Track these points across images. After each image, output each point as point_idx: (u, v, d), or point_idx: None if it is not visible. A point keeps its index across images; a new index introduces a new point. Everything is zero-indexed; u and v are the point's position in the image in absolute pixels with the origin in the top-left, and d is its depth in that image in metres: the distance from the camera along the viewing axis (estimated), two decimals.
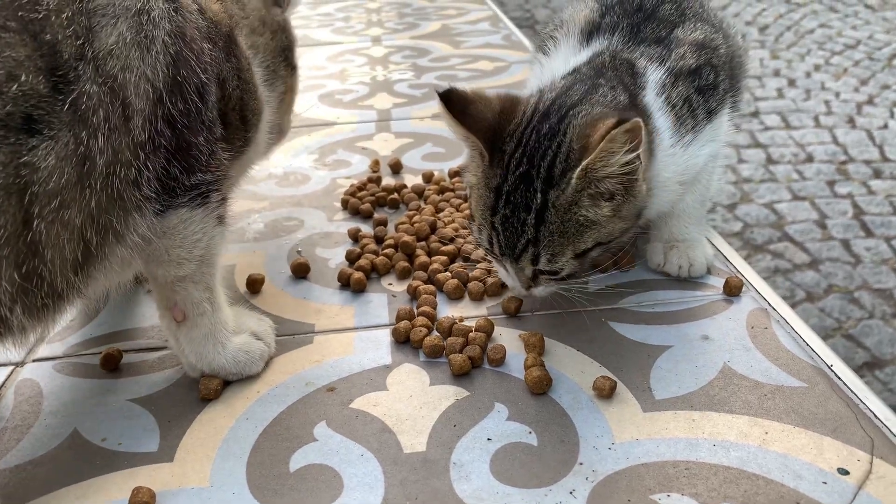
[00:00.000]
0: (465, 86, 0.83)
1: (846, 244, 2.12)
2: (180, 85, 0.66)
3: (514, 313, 0.88)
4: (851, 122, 2.80)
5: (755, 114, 2.87)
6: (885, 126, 2.76)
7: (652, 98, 0.83)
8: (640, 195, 0.77)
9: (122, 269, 0.70)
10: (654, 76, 0.84)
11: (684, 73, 0.86)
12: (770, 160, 2.57)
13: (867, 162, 2.53)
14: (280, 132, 0.98)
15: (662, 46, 0.87)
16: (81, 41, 0.59)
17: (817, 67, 3.30)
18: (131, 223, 0.65)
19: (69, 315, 0.90)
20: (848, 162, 2.53)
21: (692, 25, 0.91)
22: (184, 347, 0.77)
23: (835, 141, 2.67)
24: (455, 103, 0.79)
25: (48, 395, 0.79)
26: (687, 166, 0.85)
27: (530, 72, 1.02)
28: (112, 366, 0.82)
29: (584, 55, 0.89)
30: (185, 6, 0.69)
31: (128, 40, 0.62)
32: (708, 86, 0.87)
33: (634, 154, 0.72)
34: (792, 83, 3.15)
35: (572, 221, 0.76)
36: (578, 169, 0.73)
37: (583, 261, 0.78)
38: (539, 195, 0.75)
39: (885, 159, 2.55)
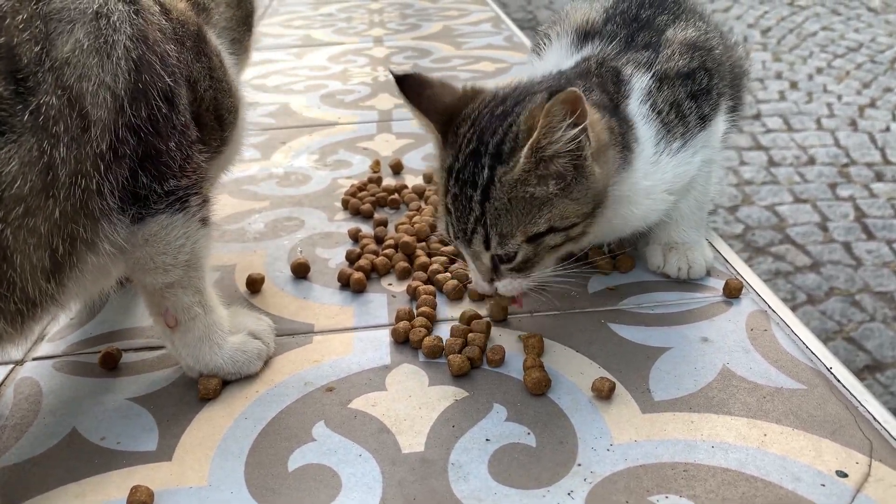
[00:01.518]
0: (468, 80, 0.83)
1: (847, 247, 2.12)
2: (144, 91, 0.64)
3: (501, 319, 0.87)
4: (853, 124, 2.80)
5: (757, 116, 2.87)
6: (887, 129, 2.76)
7: (635, 107, 0.82)
8: (592, 176, 0.75)
9: (97, 278, 0.69)
10: (639, 83, 0.83)
11: (672, 76, 0.84)
12: (772, 162, 2.57)
13: (869, 164, 2.53)
14: None
15: (651, 50, 0.86)
16: (39, 48, 0.57)
17: (819, 70, 3.30)
18: (101, 232, 0.64)
19: (68, 315, 0.90)
20: (849, 164, 2.53)
21: (683, 24, 0.89)
22: (180, 351, 0.77)
23: (836, 143, 2.67)
24: (411, 87, 0.81)
25: (47, 393, 0.79)
26: (676, 174, 0.84)
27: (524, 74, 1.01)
28: (111, 365, 0.82)
29: (573, 61, 0.87)
30: (147, 7, 0.67)
31: (85, 47, 0.60)
32: (701, 90, 0.85)
33: (579, 128, 0.70)
34: (794, 86, 3.15)
35: (519, 199, 0.73)
36: (525, 148, 0.71)
37: (537, 247, 0.76)
38: (486, 171, 0.74)
39: (887, 162, 2.54)
